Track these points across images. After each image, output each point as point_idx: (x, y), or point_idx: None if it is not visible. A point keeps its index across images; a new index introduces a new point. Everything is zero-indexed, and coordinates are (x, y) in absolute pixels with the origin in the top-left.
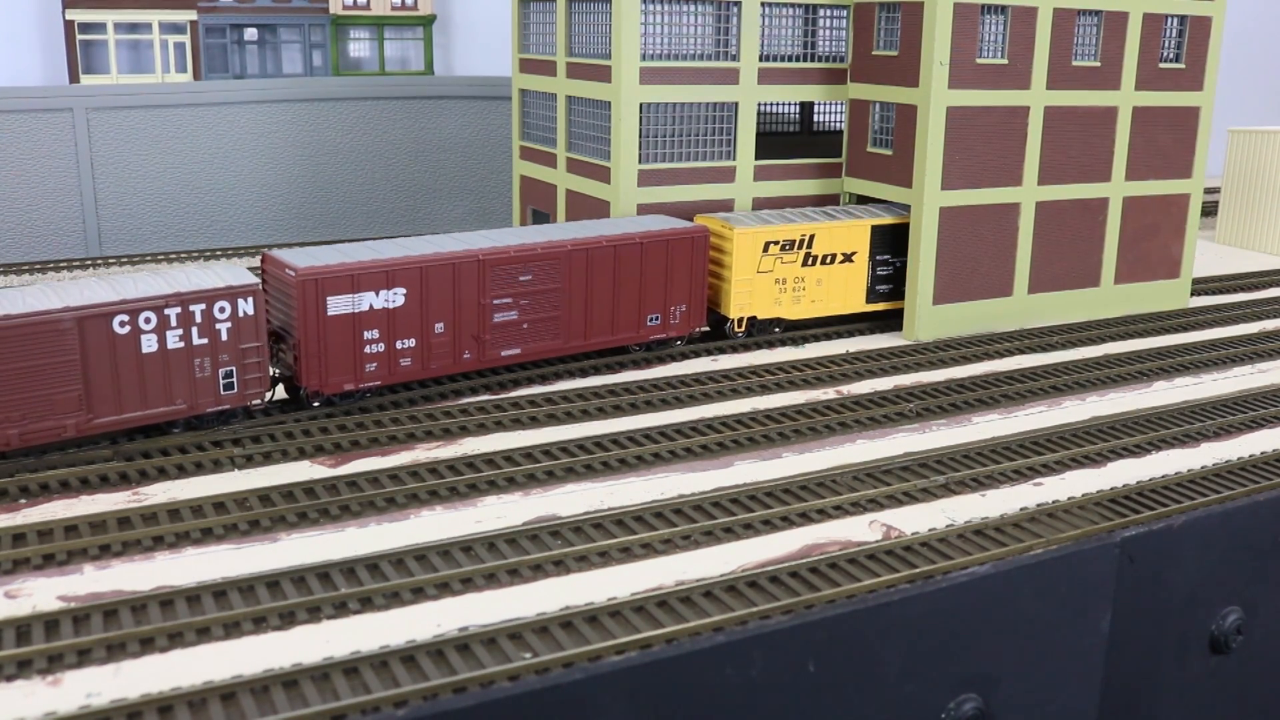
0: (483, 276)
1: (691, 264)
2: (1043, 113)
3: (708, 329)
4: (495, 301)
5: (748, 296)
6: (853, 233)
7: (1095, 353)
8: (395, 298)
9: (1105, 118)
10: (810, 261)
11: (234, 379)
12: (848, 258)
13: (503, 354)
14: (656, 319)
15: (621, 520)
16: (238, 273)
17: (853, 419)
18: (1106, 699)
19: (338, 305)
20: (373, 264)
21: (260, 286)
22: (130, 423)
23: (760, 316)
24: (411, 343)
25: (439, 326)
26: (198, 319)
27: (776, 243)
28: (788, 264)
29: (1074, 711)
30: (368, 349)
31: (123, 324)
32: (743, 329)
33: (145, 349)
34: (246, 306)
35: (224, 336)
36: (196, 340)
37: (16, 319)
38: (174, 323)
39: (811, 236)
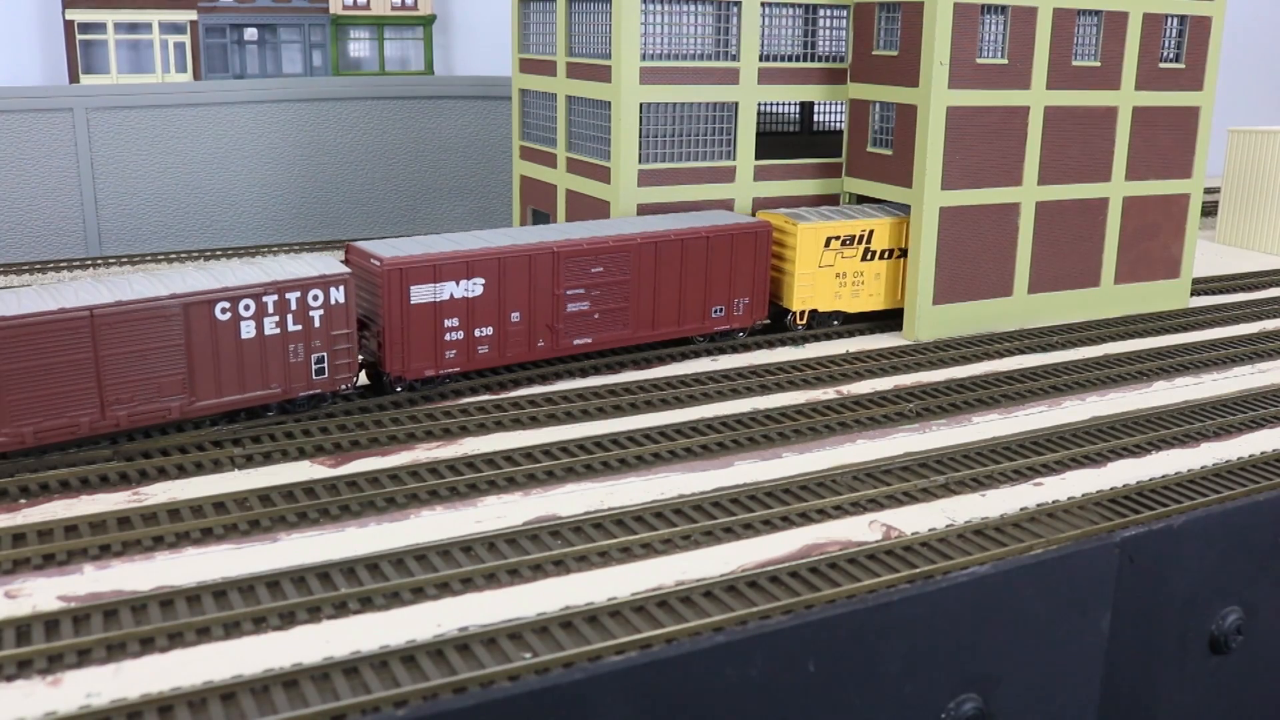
0: (557, 268)
1: (755, 258)
2: (1043, 113)
3: (769, 321)
4: (568, 292)
5: (810, 290)
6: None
7: (1095, 353)
8: (474, 287)
9: (1105, 118)
10: (869, 256)
11: (325, 364)
12: (904, 253)
13: (575, 343)
14: (720, 311)
15: (621, 520)
16: (329, 262)
17: (853, 419)
18: (1106, 699)
19: (420, 294)
20: (454, 255)
21: (351, 276)
22: (228, 405)
23: (821, 309)
24: (489, 331)
25: (515, 315)
26: (293, 306)
27: (838, 238)
28: (848, 258)
29: (1074, 711)
30: (448, 336)
31: (224, 310)
32: (804, 321)
33: (244, 334)
34: (338, 295)
35: (317, 323)
36: (291, 326)
37: (129, 305)
38: (271, 310)
39: (871, 232)
